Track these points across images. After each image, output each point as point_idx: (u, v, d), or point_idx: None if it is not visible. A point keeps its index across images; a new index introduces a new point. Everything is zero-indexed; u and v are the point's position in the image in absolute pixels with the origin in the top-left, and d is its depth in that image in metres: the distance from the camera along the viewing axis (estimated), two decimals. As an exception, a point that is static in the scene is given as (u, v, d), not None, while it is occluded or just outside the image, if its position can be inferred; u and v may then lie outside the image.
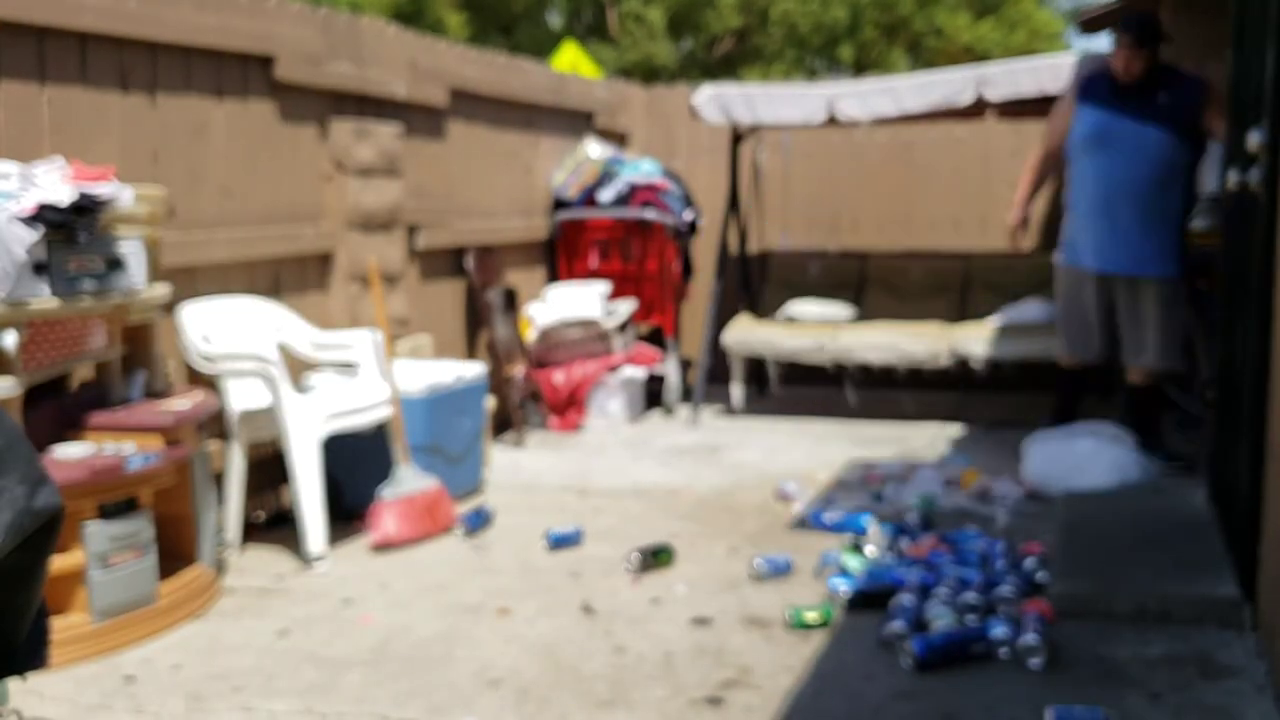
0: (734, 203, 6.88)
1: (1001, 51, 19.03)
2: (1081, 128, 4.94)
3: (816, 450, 5.65)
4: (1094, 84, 4.97)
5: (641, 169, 6.78)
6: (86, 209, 3.20)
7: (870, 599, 3.41)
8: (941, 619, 3.17)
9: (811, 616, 3.29)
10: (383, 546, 4.06)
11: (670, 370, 6.78)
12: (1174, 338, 4.91)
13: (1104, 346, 5.04)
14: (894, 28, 20.42)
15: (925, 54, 20.24)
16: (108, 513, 3.23)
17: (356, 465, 4.42)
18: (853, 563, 3.73)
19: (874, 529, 4.09)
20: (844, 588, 3.46)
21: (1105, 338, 5.02)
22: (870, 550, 3.86)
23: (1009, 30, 20.00)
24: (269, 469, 4.32)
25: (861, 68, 20.03)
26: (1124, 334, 4.94)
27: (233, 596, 3.64)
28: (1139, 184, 4.84)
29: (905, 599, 3.29)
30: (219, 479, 4.04)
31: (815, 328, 6.44)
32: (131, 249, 3.42)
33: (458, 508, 4.44)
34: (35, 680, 2.87)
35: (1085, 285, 5.00)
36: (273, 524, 4.41)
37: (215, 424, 3.99)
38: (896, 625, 3.14)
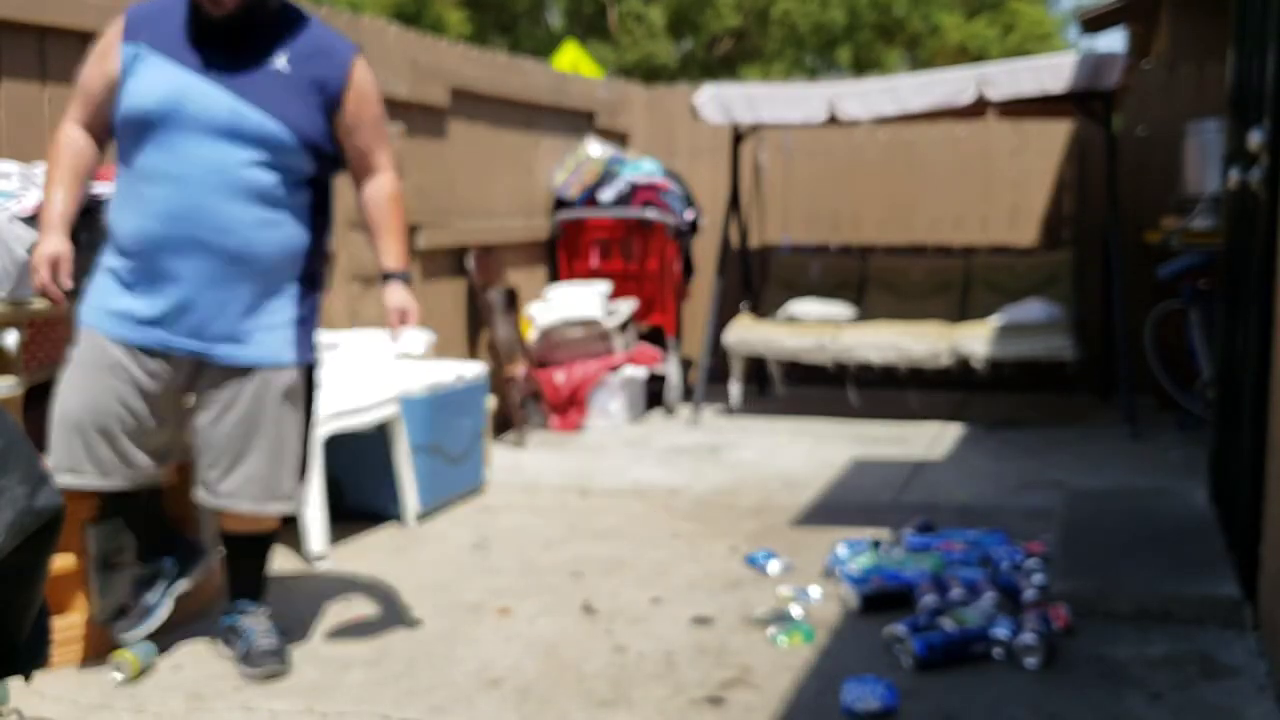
0: (735, 202, 6.88)
1: (997, 50, 19.08)
2: (145, 91, 2.91)
3: (817, 450, 5.65)
4: (170, 20, 2.94)
5: (642, 169, 6.79)
6: (87, 209, 3.20)
7: (881, 601, 3.41)
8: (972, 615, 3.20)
9: (793, 639, 3.20)
10: None
11: (671, 370, 6.78)
12: None
13: None
14: (889, 29, 20.46)
15: (921, 54, 20.28)
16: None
17: (357, 465, 4.42)
18: (860, 562, 3.73)
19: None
20: (852, 590, 3.45)
21: None
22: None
23: (1005, 31, 20.06)
24: (270, 469, 4.31)
25: (860, 68, 20.06)
26: None
27: (234, 596, 3.64)
28: (240, 206, 2.98)
29: (928, 599, 3.29)
30: (220, 479, 4.04)
31: (816, 327, 6.44)
32: (132, 249, 3.42)
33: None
34: (36, 679, 2.86)
35: (123, 364, 2.97)
36: (273, 524, 4.41)
37: (216, 424, 3.99)
38: (898, 627, 3.13)
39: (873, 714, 2.73)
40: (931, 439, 5.88)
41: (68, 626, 3.09)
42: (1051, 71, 5.74)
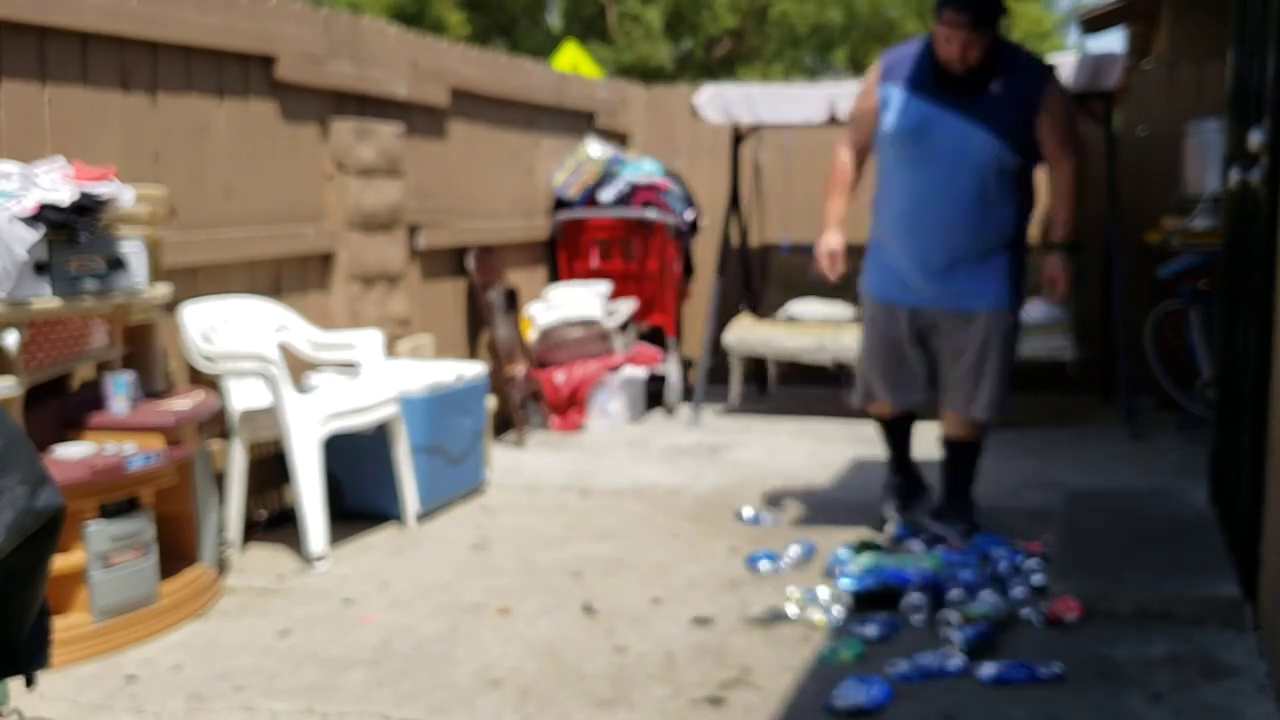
0: (735, 202, 6.87)
1: None
2: (897, 120, 3.89)
3: (818, 450, 5.64)
4: (913, 65, 3.90)
5: (642, 169, 6.78)
6: (87, 209, 3.20)
7: (873, 600, 3.41)
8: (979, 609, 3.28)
9: (844, 655, 3.12)
10: None
11: (671, 370, 6.78)
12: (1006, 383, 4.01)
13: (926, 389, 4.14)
14: (883, 33, 20.47)
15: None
16: (109, 512, 3.23)
17: (357, 465, 4.42)
18: (860, 562, 3.73)
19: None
20: (846, 589, 3.46)
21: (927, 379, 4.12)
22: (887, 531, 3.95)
23: (1006, 32, 20.10)
24: (270, 468, 4.32)
25: (858, 69, 20.06)
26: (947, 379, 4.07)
27: (234, 596, 3.64)
28: (971, 200, 3.86)
29: (915, 598, 3.31)
30: (220, 478, 4.04)
31: (816, 327, 6.44)
32: (133, 249, 3.42)
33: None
34: (37, 679, 2.86)
35: (896, 320, 4.02)
36: (274, 523, 4.41)
37: (216, 423, 3.99)
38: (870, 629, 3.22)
39: (853, 711, 2.74)
40: (932, 439, 5.87)
41: (69, 626, 3.09)
42: (1051, 72, 5.73)
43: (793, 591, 3.55)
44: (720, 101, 6.35)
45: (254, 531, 4.28)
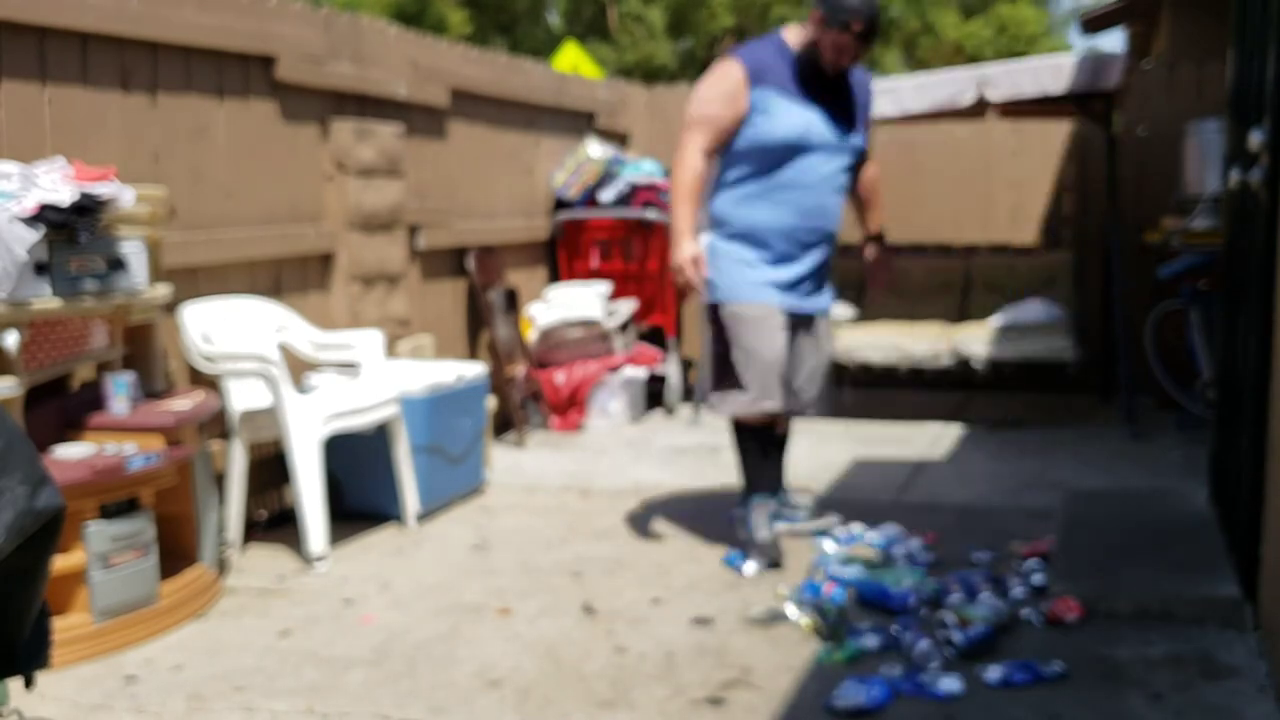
0: (735, 203, 6.86)
1: (991, 50, 19.14)
2: (783, 126, 3.79)
3: (818, 450, 5.64)
4: (779, 69, 3.82)
5: (642, 169, 6.78)
6: (88, 209, 3.20)
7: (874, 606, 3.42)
8: (979, 611, 3.25)
9: (835, 657, 3.11)
10: None
11: (671, 370, 6.78)
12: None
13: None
14: (886, 28, 20.55)
15: (918, 53, 20.32)
16: (109, 513, 3.23)
17: (357, 465, 4.43)
18: (850, 569, 3.71)
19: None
20: (839, 597, 3.44)
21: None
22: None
23: (999, 31, 20.14)
24: (270, 469, 4.32)
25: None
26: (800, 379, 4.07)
27: (234, 596, 3.64)
28: (837, 202, 3.95)
29: (921, 645, 3.13)
30: (220, 478, 4.04)
31: (816, 327, 6.43)
32: (133, 249, 3.42)
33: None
34: (36, 680, 2.86)
35: (780, 323, 3.92)
36: (274, 524, 4.41)
37: (217, 424, 4.00)
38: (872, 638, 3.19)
39: (853, 711, 2.73)
40: (932, 439, 5.88)
41: (69, 626, 3.09)
42: (1051, 72, 5.74)
43: (782, 590, 3.55)
44: (720, 101, 6.34)
45: (254, 531, 4.28)
